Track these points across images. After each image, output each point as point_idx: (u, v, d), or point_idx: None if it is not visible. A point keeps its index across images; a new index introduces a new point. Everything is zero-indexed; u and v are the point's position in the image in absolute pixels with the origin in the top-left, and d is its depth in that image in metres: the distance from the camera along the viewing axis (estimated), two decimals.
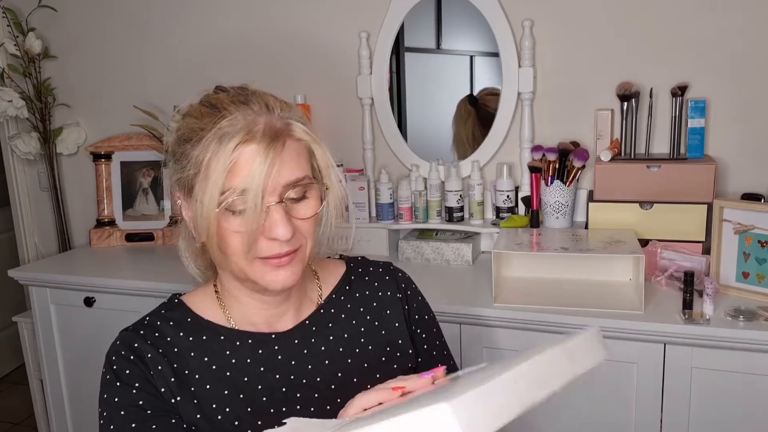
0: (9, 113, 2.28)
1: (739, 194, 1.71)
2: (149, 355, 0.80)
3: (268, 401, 0.81)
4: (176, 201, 0.82)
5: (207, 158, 0.74)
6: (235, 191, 0.72)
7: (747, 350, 1.33)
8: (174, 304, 0.87)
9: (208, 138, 0.74)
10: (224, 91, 0.81)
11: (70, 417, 2.09)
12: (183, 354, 0.81)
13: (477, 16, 1.89)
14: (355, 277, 0.94)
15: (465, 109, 2.02)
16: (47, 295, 2.00)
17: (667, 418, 1.40)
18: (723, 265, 1.50)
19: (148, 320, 0.84)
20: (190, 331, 0.83)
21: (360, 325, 0.90)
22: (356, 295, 0.92)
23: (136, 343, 0.80)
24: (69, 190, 2.50)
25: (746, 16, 1.68)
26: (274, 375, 0.83)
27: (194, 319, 0.84)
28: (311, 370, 0.84)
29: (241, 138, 0.73)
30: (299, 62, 2.12)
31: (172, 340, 0.82)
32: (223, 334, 0.84)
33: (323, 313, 0.89)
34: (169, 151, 0.81)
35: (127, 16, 2.31)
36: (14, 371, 3.46)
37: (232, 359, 0.82)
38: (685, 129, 1.72)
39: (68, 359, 2.04)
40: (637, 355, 1.40)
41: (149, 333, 0.82)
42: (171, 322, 0.83)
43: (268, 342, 0.84)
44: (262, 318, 0.85)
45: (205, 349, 0.82)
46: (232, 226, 0.74)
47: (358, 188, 1.96)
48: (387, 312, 0.92)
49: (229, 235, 0.75)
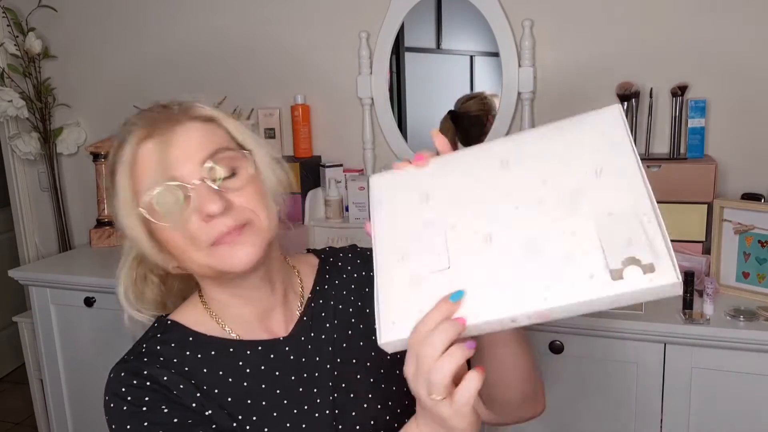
0: (9, 113, 2.28)
1: (739, 194, 1.71)
2: (165, 378, 0.76)
3: (289, 403, 0.81)
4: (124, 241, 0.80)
5: (115, 174, 0.75)
6: (148, 190, 0.73)
7: (747, 350, 1.33)
8: (167, 326, 0.83)
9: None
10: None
11: (70, 417, 2.09)
12: (196, 371, 0.79)
13: (477, 16, 1.89)
14: (330, 266, 0.94)
15: (446, 125, 2.03)
16: (47, 295, 2.00)
17: (667, 418, 1.40)
18: (723, 265, 1.50)
19: (146, 347, 0.80)
20: (195, 349, 0.80)
21: (346, 308, 0.90)
22: (336, 282, 0.92)
23: (146, 370, 0.76)
24: (69, 190, 2.50)
25: (746, 16, 1.68)
26: (290, 377, 0.83)
27: (195, 336, 0.82)
28: (319, 362, 0.85)
29: (136, 135, 0.74)
30: (299, 62, 2.12)
31: (180, 361, 0.79)
32: (231, 346, 0.82)
33: (314, 305, 0.89)
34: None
35: (127, 16, 2.31)
36: (14, 371, 3.46)
37: (246, 369, 0.81)
38: (685, 129, 1.72)
39: (68, 359, 2.03)
40: (637, 355, 1.40)
41: (153, 359, 0.78)
42: (172, 344, 0.80)
43: (277, 346, 0.84)
44: (255, 315, 0.84)
45: (216, 363, 0.80)
46: (165, 224, 0.74)
47: (358, 188, 1.96)
48: (366, 290, 0.92)
49: (168, 234, 0.74)
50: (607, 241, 0.54)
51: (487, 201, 0.61)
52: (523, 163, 0.61)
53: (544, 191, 0.58)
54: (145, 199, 0.73)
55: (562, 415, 1.49)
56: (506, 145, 0.64)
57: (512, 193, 0.60)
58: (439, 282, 0.60)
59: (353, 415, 0.82)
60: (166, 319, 0.84)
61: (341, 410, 0.82)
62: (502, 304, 0.56)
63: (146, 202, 0.73)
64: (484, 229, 0.60)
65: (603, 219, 0.55)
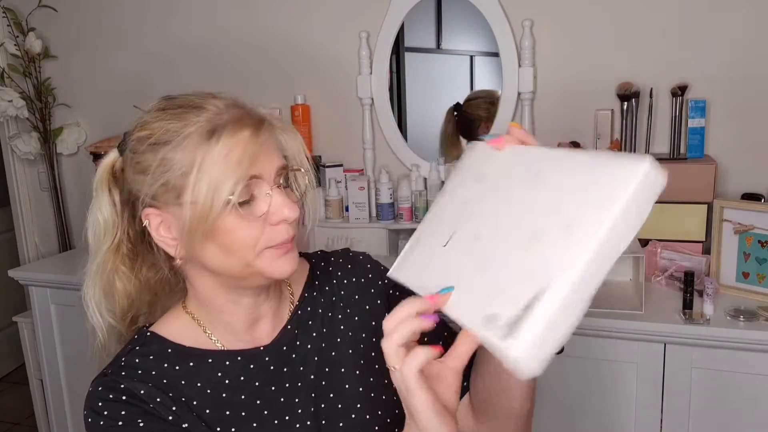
0: (9, 113, 2.28)
1: (739, 194, 1.71)
2: (142, 392, 0.76)
3: (270, 414, 0.80)
4: (145, 219, 0.76)
5: (200, 154, 0.70)
6: (239, 180, 0.70)
7: (747, 350, 1.33)
8: (147, 339, 0.81)
9: (193, 135, 0.71)
10: (180, 96, 0.78)
11: (70, 417, 2.09)
12: (174, 384, 0.78)
13: (477, 16, 1.89)
14: (320, 271, 0.93)
15: (449, 115, 2.05)
16: (47, 295, 2.00)
17: (667, 418, 1.40)
18: (723, 265, 1.51)
19: (125, 361, 0.79)
20: (174, 361, 0.80)
21: (335, 316, 0.89)
22: (326, 289, 0.91)
23: (122, 384, 0.76)
24: (69, 190, 2.50)
25: (746, 16, 1.68)
26: (270, 387, 0.82)
27: (174, 348, 0.81)
28: (303, 372, 0.84)
29: (234, 127, 0.72)
30: (299, 62, 2.12)
31: (158, 374, 0.78)
32: (210, 357, 0.81)
33: (300, 313, 0.88)
34: (130, 169, 0.76)
35: (127, 16, 2.31)
36: (14, 371, 3.46)
37: (225, 380, 0.80)
38: (685, 129, 1.72)
39: (68, 359, 2.04)
40: (637, 355, 1.40)
41: (132, 372, 0.77)
42: (151, 356, 0.79)
43: (257, 356, 0.83)
44: (244, 324, 0.83)
45: (195, 375, 0.79)
46: (239, 217, 0.71)
47: (358, 188, 1.96)
48: (356, 297, 0.91)
49: (236, 229, 0.72)
50: (509, 292, 0.55)
51: (501, 205, 0.63)
52: (544, 183, 0.62)
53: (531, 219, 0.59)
54: (237, 190, 0.70)
55: (562, 415, 1.49)
56: (552, 161, 0.63)
57: (514, 206, 0.62)
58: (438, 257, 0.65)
59: (341, 426, 0.81)
60: (146, 330, 0.82)
61: (328, 420, 0.81)
62: (459, 307, 0.59)
63: (238, 192, 0.70)
64: (477, 230, 0.63)
65: (527, 270, 0.56)
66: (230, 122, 0.72)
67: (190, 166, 0.70)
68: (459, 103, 2.04)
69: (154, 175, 0.72)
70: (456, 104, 2.04)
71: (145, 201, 0.74)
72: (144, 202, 0.75)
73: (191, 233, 0.72)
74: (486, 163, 0.69)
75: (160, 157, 0.72)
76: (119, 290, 0.81)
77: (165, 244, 0.76)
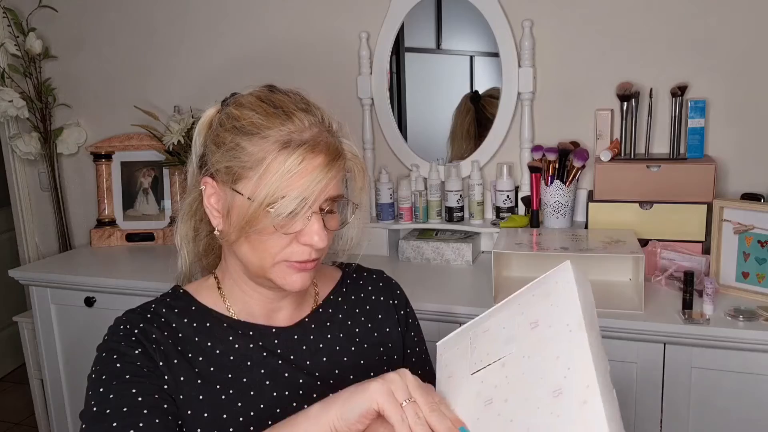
0: (9, 113, 2.28)
1: (739, 194, 1.71)
2: (154, 336, 0.82)
3: (271, 385, 0.84)
4: (203, 185, 0.82)
5: (269, 159, 0.75)
6: (290, 197, 0.75)
7: (747, 350, 1.33)
8: (178, 294, 0.89)
9: (271, 138, 0.76)
10: (281, 92, 0.84)
11: (70, 417, 2.09)
12: (188, 338, 0.84)
13: (477, 16, 1.89)
14: (351, 281, 0.98)
15: (466, 105, 2.03)
16: (48, 295, 2.00)
17: (667, 418, 1.40)
18: (723, 265, 1.51)
19: (154, 308, 0.86)
20: (194, 318, 0.86)
21: (355, 326, 0.94)
22: (352, 298, 0.95)
23: (142, 323, 0.83)
24: (69, 190, 2.50)
25: (746, 16, 1.68)
26: (277, 361, 0.85)
27: (198, 307, 0.87)
28: (309, 366, 0.87)
29: (307, 149, 0.76)
30: (299, 62, 2.12)
31: (176, 326, 0.84)
32: (226, 322, 0.86)
33: (321, 312, 0.92)
34: (212, 134, 0.82)
35: (127, 16, 2.31)
36: (14, 371, 3.46)
37: (235, 344, 0.85)
38: (684, 129, 1.72)
39: (68, 359, 2.04)
40: (637, 355, 1.40)
41: (155, 318, 0.84)
42: (176, 310, 0.86)
43: (268, 334, 0.87)
44: (263, 310, 0.88)
45: (208, 334, 0.85)
46: (272, 226, 0.76)
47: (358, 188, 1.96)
48: (379, 316, 0.96)
49: (267, 235, 0.77)
50: None
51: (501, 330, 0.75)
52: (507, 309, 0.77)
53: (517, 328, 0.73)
54: (284, 202, 0.75)
55: None
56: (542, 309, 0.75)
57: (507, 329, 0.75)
58: (466, 379, 0.73)
59: None
60: (180, 288, 0.90)
61: None
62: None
63: (283, 204, 0.75)
64: (490, 397, 0.71)
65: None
66: (307, 142, 0.77)
67: (256, 163, 0.76)
68: (476, 92, 2.02)
69: (225, 154, 0.79)
70: (473, 93, 2.02)
71: (209, 170, 0.81)
72: (208, 170, 0.82)
73: (234, 222, 0.79)
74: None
75: (236, 142, 0.78)
76: (200, 232, 0.90)
77: (211, 213, 0.83)
